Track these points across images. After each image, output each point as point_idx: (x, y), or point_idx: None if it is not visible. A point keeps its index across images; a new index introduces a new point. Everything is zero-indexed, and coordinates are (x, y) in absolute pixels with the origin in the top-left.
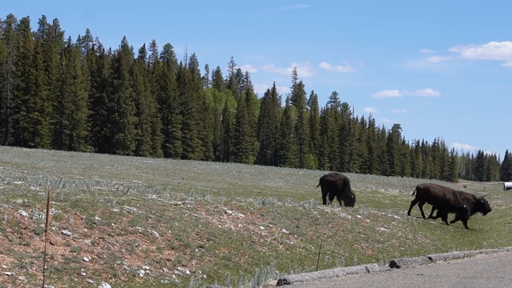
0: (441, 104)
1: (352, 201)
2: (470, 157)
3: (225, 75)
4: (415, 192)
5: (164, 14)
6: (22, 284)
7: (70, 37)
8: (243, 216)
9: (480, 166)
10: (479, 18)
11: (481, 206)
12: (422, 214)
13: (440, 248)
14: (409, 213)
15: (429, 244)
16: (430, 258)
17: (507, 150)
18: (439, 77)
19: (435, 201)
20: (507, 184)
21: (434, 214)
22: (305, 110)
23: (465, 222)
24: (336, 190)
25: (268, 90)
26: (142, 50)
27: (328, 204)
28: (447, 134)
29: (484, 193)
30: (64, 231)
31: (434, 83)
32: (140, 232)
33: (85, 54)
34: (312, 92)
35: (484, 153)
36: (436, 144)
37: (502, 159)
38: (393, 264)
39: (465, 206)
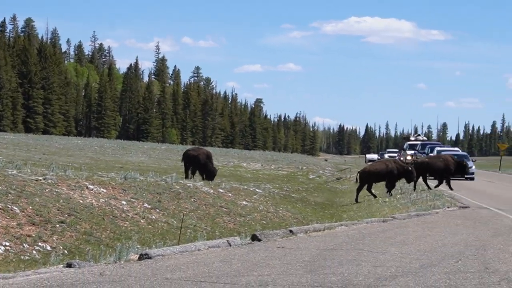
0: (302, 78)
1: (214, 175)
2: (331, 131)
3: (87, 49)
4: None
5: None
6: None
7: None
8: (105, 191)
9: (341, 140)
10: None
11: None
12: (373, 195)
13: (301, 221)
14: (357, 200)
15: (290, 217)
16: (291, 231)
17: (367, 124)
18: (300, 52)
19: (381, 177)
20: (369, 156)
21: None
22: (167, 85)
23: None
24: (199, 165)
25: (131, 64)
26: (2, 25)
27: (191, 178)
28: (308, 108)
29: (345, 167)
30: None
31: (295, 58)
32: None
33: None
34: (175, 67)
35: (345, 127)
36: (297, 119)
37: (362, 133)
38: (254, 238)
39: (410, 168)
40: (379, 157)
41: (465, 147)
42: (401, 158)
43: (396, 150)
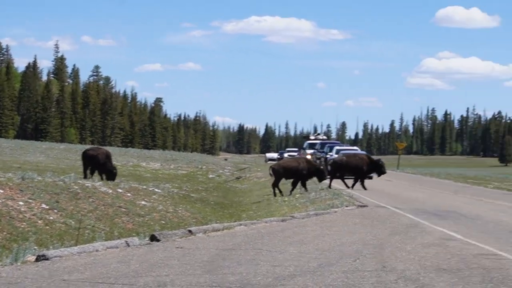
0: (202, 77)
1: (113, 175)
2: (231, 130)
3: None
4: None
5: None
6: None
7: None
8: (1, 191)
9: (241, 139)
10: None
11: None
12: (280, 191)
13: (201, 221)
14: (275, 194)
15: (189, 217)
16: (190, 231)
17: (267, 123)
18: (200, 51)
19: (292, 174)
20: (269, 155)
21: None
22: (67, 83)
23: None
24: (98, 164)
25: (29, 63)
26: None
27: (89, 178)
28: (208, 107)
29: (245, 166)
30: None
31: (196, 57)
32: None
33: None
34: (74, 65)
35: (245, 126)
36: (197, 118)
37: (262, 132)
38: (153, 238)
39: (321, 167)
40: (278, 156)
41: (364, 146)
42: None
43: (296, 149)
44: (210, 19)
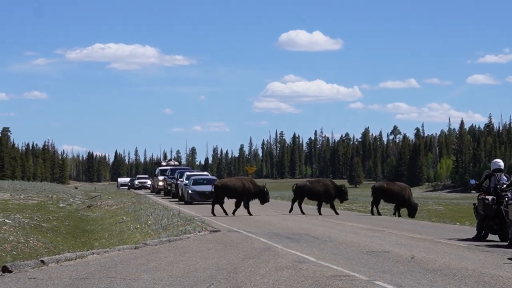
0: (49, 106)
1: None
2: (81, 158)
3: None
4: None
5: None
6: None
7: None
8: None
9: (91, 167)
10: (83, 22)
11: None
12: (224, 211)
13: (53, 250)
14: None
15: (41, 247)
16: (42, 261)
17: (116, 150)
18: (45, 79)
19: (235, 194)
20: (121, 180)
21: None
22: None
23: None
24: None
25: None
26: None
27: None
28: (56, 136)
29: (95, 194)
30: None
31: (40, 86)
32: None
33: None
34: None
35: (94, 154)
36: (46, 146)
37: (112, 159)
38: (5, 269)
39: (266, 189)
40: (129, 183)
41: (214, 171)
42: (154, 184)
43: (146, 176)
44: (54, 47)
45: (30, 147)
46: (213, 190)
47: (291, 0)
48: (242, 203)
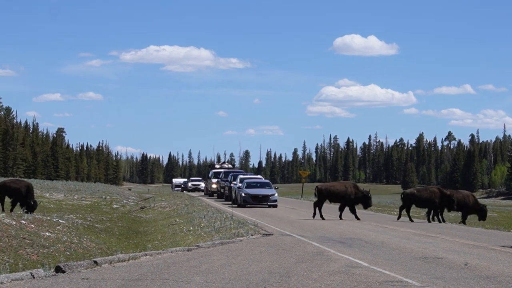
0: (103, 107)
1: (32, 208)
2: (134, 159)
3: None
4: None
5: None
6: None
7: None
8: None
9: (144, 169)
10: (137, 23)
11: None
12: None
13: (106, 251)
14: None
15: (94, 248)
16: (95, 261)
17: (170, 152)
18: (100, 80)
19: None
20: (175, 181)
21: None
22: None
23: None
24: (20, 197)
25: None
26: None
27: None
28: (110, 137)
29: (149, 196)
30: None
31: (95, 87)
32: None
33: None
34: None
35: (148, 156)
36: (100, 148)
37: (165, 161)
38: (58, 269)
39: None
40: (182, 185)
41: (267, 174)
42: (207, 186)
43: (200, 178)
44: (108, 49)
45: (85, 148)
46: (315, 193)
47: (346, 4)
48: (348, 208)
